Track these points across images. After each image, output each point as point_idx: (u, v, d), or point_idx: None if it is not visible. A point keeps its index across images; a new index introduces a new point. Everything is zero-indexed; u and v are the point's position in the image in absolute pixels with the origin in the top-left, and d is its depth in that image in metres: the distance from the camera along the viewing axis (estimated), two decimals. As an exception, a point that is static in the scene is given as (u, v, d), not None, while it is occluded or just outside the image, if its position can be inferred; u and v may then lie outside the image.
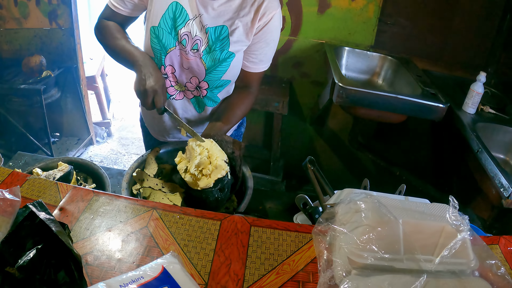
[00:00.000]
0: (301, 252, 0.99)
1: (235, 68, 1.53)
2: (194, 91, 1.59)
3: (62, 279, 0.79)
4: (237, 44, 1.46)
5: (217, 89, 1.58)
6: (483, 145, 1.98)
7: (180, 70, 1.52)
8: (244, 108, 1.62)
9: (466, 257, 0.88)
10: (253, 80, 1.61)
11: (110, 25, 1.53)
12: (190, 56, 1.46)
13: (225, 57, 1.46)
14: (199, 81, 1.54)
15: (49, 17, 3.35)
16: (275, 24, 1.47)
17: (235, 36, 1.43)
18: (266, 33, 1.47)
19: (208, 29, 1.42)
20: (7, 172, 1.18)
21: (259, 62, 1.55)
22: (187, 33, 1.43)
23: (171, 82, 1.57)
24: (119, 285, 0.72)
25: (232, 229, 1.03)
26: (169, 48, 1.45)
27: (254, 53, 1.52)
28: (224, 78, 1.53)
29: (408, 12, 2.82)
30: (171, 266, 0.78)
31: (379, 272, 0.81)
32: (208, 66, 1.48)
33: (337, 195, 1.14)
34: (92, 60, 4.22)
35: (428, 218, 0.90)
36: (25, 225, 0.83)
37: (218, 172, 1.25)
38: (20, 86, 3.17)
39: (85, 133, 3.96)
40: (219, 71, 1.50)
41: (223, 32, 1.43)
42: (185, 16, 1.41)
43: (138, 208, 1.08)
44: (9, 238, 0.80)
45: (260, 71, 1.58)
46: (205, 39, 1.44)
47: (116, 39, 1.49)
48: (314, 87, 3.10)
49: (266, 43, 1.50)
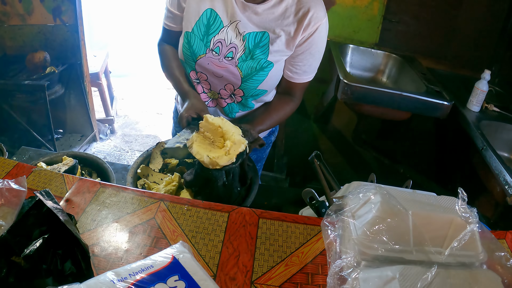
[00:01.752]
0: (310, 244, 0.98)
1: (273, 79, 1.49)
2: (227, 98, 1.56)
3: (68, 270, 0.79)
4: (277, 54, 1.41)
5: (252, 98, 1.55)
6: (487, 142, 1.97)
7: (213, 77, 1.49)
8: (283, 114, 1.57)
9: (475, 249, 0.87)
10: (297, 89, 1.56)
11: (167, 50, 1.57)
12: (224, 64, 1.43)
13: (263, 65, 1.41)
14: (234, 88, 1.50)
15: (53, 14, 3.35)
16: (321, 35, 1.41)
17: (275, 45, 1.39)
18: (311, 44, 1.41)
19: (246, 35, 1.39)
20: (12, 164, 1.18)
21: (303, 73, 1.49)
22: (220, 41, 1.40)
23: (204, 88, 1.55)
24: (128, 273, 0.71)
25: (240, 221, 1.03)
26: (199, 55, 1.43)
27: (299, 64, 1.46)
28: (261, 87, 1.49)
29: (412, 10, 2.81)
30: (181, 255, 0.77)
31: (389, 263, 0.81)
32: (245, 74, 1.43)
33: (345, 188, 1.13)
34: (95, 57, 4.22)
35: (437, 210, 0.90)
36: (32, 214, 0.82)
37: (238, 147, 1.20)
38: (24, 82, 3.17)
39: (88, 130, 3.96)
40: (255, 80, 1.45)
41: (264, 38, 1.39)
42: (219, 23, 1.39)
43: (145, 199, 1.08)
44: (15, 227, 0.79)
45: (304, 81, 1.53)
46: (242, 46, 1.40)
47: (171, 68, 1.54)
48: (319, 85, 3.09)
49: (311, 54, 1.45)
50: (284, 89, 1.57)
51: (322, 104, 3.08)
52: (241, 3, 1.36)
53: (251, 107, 1.60)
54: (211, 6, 1.38)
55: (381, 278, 0.75)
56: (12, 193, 0.90)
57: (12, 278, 0.73)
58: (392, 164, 2.91)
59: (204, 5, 1.38)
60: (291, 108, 1.58)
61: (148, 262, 0.75)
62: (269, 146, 1.89)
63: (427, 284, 0.73)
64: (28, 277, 0.75)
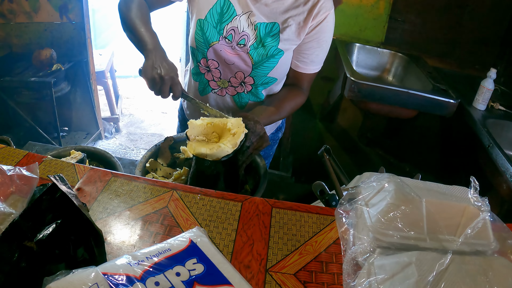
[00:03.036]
0: (324, 233, 0.98)
1: (283, 66, 1.50)
2: (238, 87, 1.56)
3: (81, 256, 0.78)
4: (287, 42, 1.43)
5: (262, 86, 1.55)
6: (494, 140, 1.97)
7: (224, 65, 1.50)
8: (294, 104, 1.56)
9: (487, 238, 0.87)
10: (304, 81, 1.57)
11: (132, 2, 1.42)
12: (236, 51, 1.44)
13: (273, 53, 1.43)
14: (244, 76, 1.51)
15: (59, 11, 3.37)
16: (329, 24, 1.44)
17: (285, 34, 1.41)
18: (319, 33, 1.44)
19: (258, 24, 1.40)
20: (22, 154, 1.17)
21: (310, 63, 1.51)
22: (233, 28, 1.41)
23: (214, 77, 1.55)
24: (145, 256, 0.71)
25: (254, 210, 1.03)
26: (212, 41, 1.44)
27: (305, 52, 1.48)
28: (271, 75, 1.50)
29: (418, 9, 2.83)
30: (199, 239, 0.77)
31: (403, 251, 0.81)
32: (256, 61, 1.45)
33: (357, 179, 1.13)
34: (101, 55, 4.24)
35: (450, 198, 0.90)
36: (45, 199, 0.80)
37: (237, 137, 1.21)
38: (30, 79, 3.18)
39: (93, 128, 3.97)
40: (266, 67, 1.47)
41: (274, 29, 1.41)
42: (233, 11, 1.40)
43: (158, 189, 1.08)
44: (28, 211, 0.78)
45: (311, 72, 1.54)
46: (254, 35, 1.41)
47: (135, 16, 1.38)
48: (325, 83, 3.10)
49: (319, 43, 1.47)
50: (292, 81, 1.59)
51: (328, 103, 3.08)
52: None
53: (261, 97, 1.60)
54: None
55: (398, 263, 0.75)
56: (23, 180, 0.89)
57: (24, 262, 0.72)
58: (398, 163, 2.92)
59: None
60: (301, 99, 1.59)
61: (165, 245, 0.75)
62: (276, 143, 1.90)
63: (443, 269, 0.73)
64: (40, 262, 0.74)
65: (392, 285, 0.72)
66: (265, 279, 0.84)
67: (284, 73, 1.56)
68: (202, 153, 1.19)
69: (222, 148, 1.19)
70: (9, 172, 0.89)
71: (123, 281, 0.64)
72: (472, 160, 2.29)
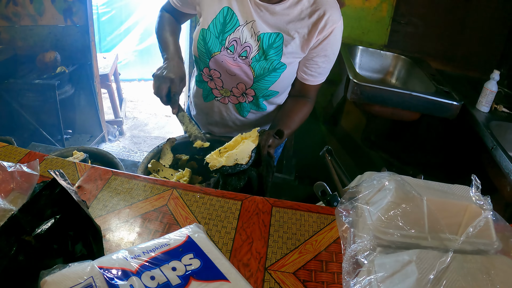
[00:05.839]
0: (324, 232, 0.98)
1: (285, 80, 1.49)
2: (239, 97, 1.56)
3: (79, 252, 0.78)
4: (290, 56, 1.41)
5: (263, 98, 1.55)
6: (497, 142, 1.96)
7: (226, 75, 1.49)
8: (302, 116, 1.55)
9: (489, 237, 0.86)
10: (311, 91, 1.56)
11: (165, 16, 1.62)
12: (238, 63, 1.43)
13: (276, 66, 1.41)
14: (245, 88, 1.51)
15: (64, 14, 3.38)
16: (336, 37, 1.41)
17: (289, 47, 1.39)
18: (327, 46, 1.41)
19: (261, 35, 1.39)
20: (24, 152, 1.18)
21: (318, 75, 1.50)
22: (235, 39, 1.40)
23: (216, 85, 1.56)
24: (142, 251, 0.71)
25: (253, 209, 1.03)
26: (214, 52, 1.44)
27: (313, 66, 1.46)
28: (272, 88, 1.49)
29: (421, 11, 2.82)
30: (196, 235, 0.77)
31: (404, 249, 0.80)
32: (257, 74, 1.44)
33: (358, 178, 1.13)
34: (105, 59, 4.26)
35: (452, 196, 0.89)
36: (44, 194, 0.80)
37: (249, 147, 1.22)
38: (34, 81, 3.20)
39: (97, 130, 3.98)
40: (267, 81, 1.45)
41: (278, 39, 1.38)
42: (235, 21, 1.39)
43: (158, 187, 1.08)
44: (27, 206, 0.78)
45: (318, 83, 1.53)
46: (256, 46, 1.40)
47: (163, 30, 1.57)
48: (328, 86, 3.09)
49: (326, 56, 1.44)
50: (299, 92, 1.57)
51: (331, 106, 3.07)
52: (255, 3, 1.36)
53: (263, 108, 1.60)
54: (228, 5, 1.38)
55: (398, 261, 0.74)
56: (24, 177, 0.89)
57: (22, 256, 0.72)
58: (401, 166, 2.90)
59: (222, 3, 1.39)
60: (308, 109, 1.58)
61: (162, 241, 0.75)
62: (281, 146, 1.89)
63: (444, 267, 0.72)
64: (38, 256, 0.74)
65: (392, 283, 0.72)
66: (263, 278, 0.84)
67: (286, 87, 1.55)
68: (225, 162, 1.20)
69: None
70: (9, 168, 0.89)
71: (119, 275, 0.64)
72: (476, 163, 2.28)
